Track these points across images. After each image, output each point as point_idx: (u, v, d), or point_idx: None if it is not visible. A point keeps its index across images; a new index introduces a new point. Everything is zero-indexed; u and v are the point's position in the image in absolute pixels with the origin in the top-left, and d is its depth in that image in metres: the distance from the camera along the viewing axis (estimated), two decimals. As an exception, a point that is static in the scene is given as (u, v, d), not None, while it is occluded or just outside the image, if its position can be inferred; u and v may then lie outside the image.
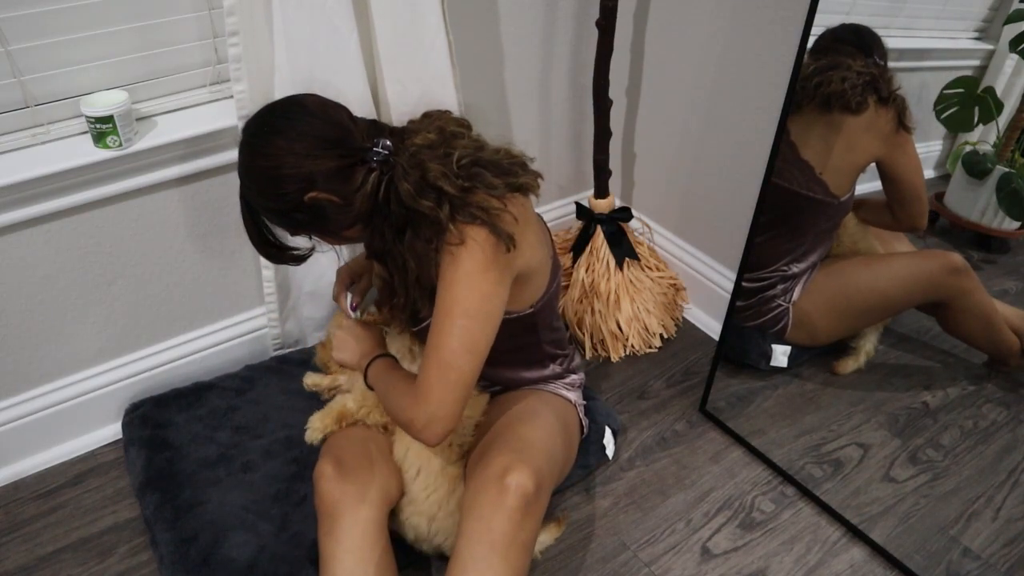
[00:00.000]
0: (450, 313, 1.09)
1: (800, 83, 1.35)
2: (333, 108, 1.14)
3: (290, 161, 1.08)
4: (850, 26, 1.35)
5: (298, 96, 1.16)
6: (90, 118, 1.30)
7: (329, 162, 1.09)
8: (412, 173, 1.10)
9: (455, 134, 1.16)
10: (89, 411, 1.59)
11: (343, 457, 1.23)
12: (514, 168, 1.15)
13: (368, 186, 1.11)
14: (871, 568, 1.44)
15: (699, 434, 1.70)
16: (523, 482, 1.09)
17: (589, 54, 1.77)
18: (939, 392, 1.46)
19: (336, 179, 1.10)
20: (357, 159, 1.11)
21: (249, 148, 1.12)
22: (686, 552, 1.46)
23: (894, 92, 1.33)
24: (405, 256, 1.15)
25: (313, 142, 1.08)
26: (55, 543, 1.43)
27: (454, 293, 1.09)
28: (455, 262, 1.08)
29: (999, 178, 1.27)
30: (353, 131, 1.12)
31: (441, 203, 1.08)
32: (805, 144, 1.45)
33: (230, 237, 1.59)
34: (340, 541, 1.16)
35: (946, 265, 1.38)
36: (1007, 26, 1.21)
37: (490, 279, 1.09)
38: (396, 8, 1.38)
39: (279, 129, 1.09)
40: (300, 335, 1.76)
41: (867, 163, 1.43)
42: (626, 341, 1.88)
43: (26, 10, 1.24)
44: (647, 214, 2.09)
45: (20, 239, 1.36)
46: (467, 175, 1.10)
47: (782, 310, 1.62)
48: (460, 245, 1.07)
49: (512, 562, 1.09)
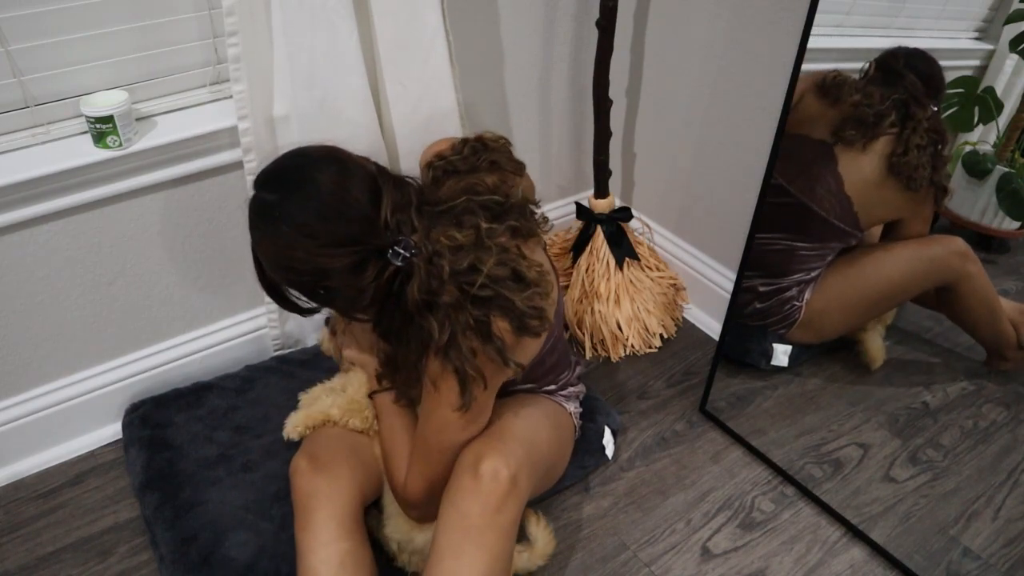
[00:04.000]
0: (428, 444, 1.16)
1: (864, 106, 1.37)
2: (354, 191, 1.04)
3: (300, 255, 1.03)
4: (926, 57, 1.33)
5: (321, 166, 1.05)
6: (90, 118, 1.30)
7: (344, 260, 1.03)
8: (427, 285, 1.04)
9: (488, 237, 1.05)
10: (89, 411, 1.59)
11: (317, 452, 1.23)
12: (528, 317, 1.06)
13: (382, 279, 1.06)
14: (871, 568, 1.44)
15: (699, 434, 1.70)
16: (497, 467, 1.09)
17: (589, 54, 1.77)
18: (939, 392, 1.46)
19: (349, 274, 1.05)
20: (373, 255, 1.05)
21: (260, 220, 1.06)
22: (686, 552, 1.46)
23: (945, 180, 1.34)
24: (409, 342, 1.12)
25: (328, 241, 1.02)
26: (55, 543, 1.43)
27: (433, 425, 1.13)
28: (437, 395, 1.09)
29: (999, 178, 1.27)
30: (375, 223, 1.04)
31: (443, 328, 1.03)
32: (851, 181, 1.46)
33: (230, 237, 1.59)
34: (315, 535, 1.16)
35: (951, 248, 1.39)
36: (1007, 26, 1.21)
37: (470, 415, 1.11)
38: (396, 8, 1.38)
39: (293, 219, 1.02)
40: (300, 335, 1.76)
41: (893, 218, 1.48)
42: (626, 341, 1.88)
43: (26, 10, 1.24)
44: (647, 214, 2.10)
45: (20, 239, 1.36)
46: (482, 310, 1.04)
47: (795, 308, 1.63)
48: (442, 382, 1.07)
49: (489, 547, 1.08)
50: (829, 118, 1.44)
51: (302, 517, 1.19)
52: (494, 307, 1.04)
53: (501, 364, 1.07)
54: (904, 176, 1.38)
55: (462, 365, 1.04)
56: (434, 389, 1.10)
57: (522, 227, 1.13)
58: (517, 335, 1.07)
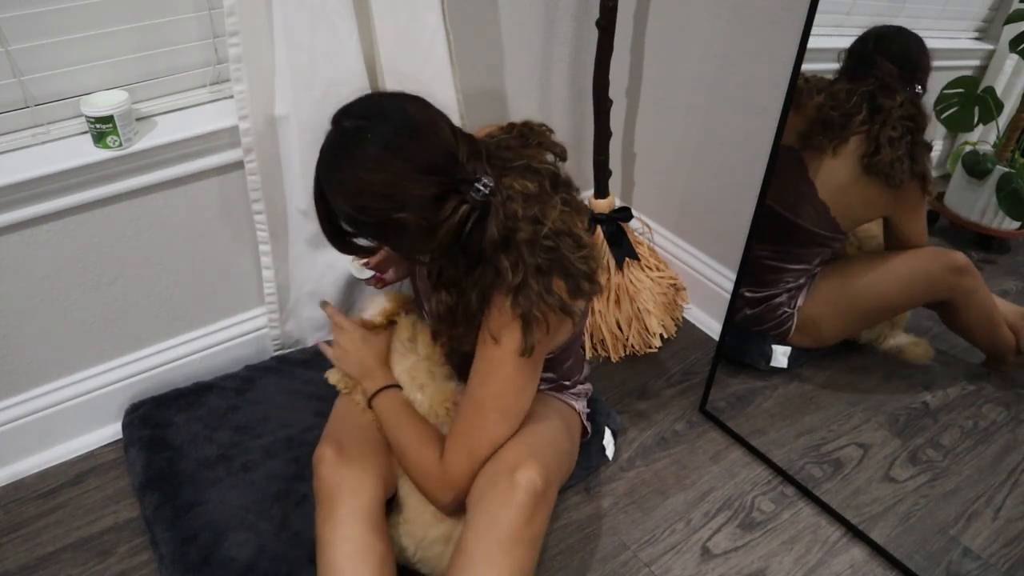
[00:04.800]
0: (483, 407, 1.14)
1: (830, 108, 1.32)
2: (441, 124, 1.06)
3: (385, 178, 1.01)
4: (899, 34, 1.28)
5: (406, 100, 1.06)
6: (90, 118, 1.30)
7: (427, 189, 1.02)
8: (504, 223, 1.04)
9: (549, 195, 1.10)
10: (89, 411, 1.59)
11: (343, 442, 1.22)
12: (582, 278, 1.09)
13: (456, 217, 1.04)
14: (871, 568, 1.44)
15: (699, 434, 1.70)
16: (533, 478, 1.08)
17: (589, 54, 1.77)
18: (939, 392, 1.46)
19: (428, 206, 1.03)
20: (454, 189, 1.04)
21: (342, 149, 1.04)
22: (686, 552, 1.46)
23: (927, 167, 1.30)
24: (470, 291, 1.11)
25: (416, 166, 1.01)
26: (55, 543, 1.43)
27: (491, 387, 1.12)
28: (498, 349, 1.09)
29: (999, 178, 1.27)
30: (458, 157, 1.04)
31: (516, 269, 1.04)
32: (825, 187, 1.43)
33: (230, 237, 1.59)
34: (337, 528, 1.15)
35: (949, 264, 1.38)
36: (1007, 26, 1.21)
37: (525, 374, 1.13)
38: (396, 8, 1.38)
39: (383, 139, 1.01)
40: (300, 335, 1.76)
41: (879, 217, 1.45)
42: (626, 341, 1.88)
43: (26, 10, 1.24)
44: (647, 214, 2.10)
45: (20, 239, 1.36)
46: (547, 257, 1.06)
47: (787, 315, 1.62)
48: (506, 332, 1.07)
49: (518, 558, 1.08)
50: (794, 124, 1.39)
51: (325, 509, 1.17)
52: (555, 260, 1.06)
53: (562, 313, 1.08)
54: (882, 175, 1.34)
55: (530, 308, 1.05)
56: (495, 343, 1.09)
57: (572, 201, 1.15)
58: (571, 295, 1.09)
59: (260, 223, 1.54)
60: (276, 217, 1.55)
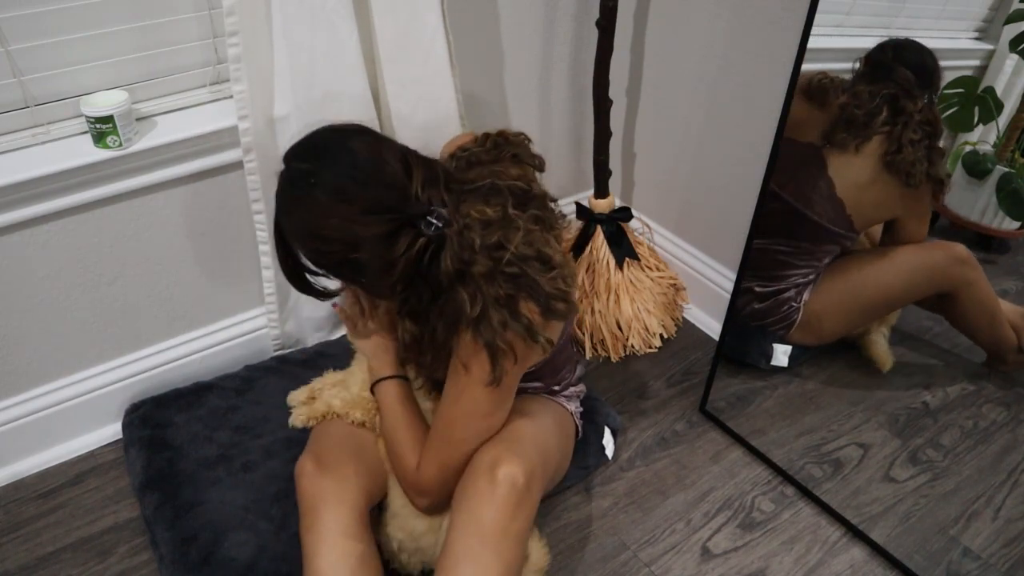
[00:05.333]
0: (454, 425, 1.14)
1: (853, 107, 1.35)
2: (387, 157, 1.04)
3: (334, 223, 1.02)
4: (915, 47, 1.31)
5: (351, 135, 1.06)
6: (90, 118, 1.30)
7: (378, 228, 1.02)
8: (459, 255, 1.03)
9: (515, 218, 1.06)
10: (89, 411, 1.59)
11: (322, 453, 1.23)
12: (554, 299, 1.06)
13: (413, 252, 1.04)
14: (871, 568, 1.44)
15: (699, 434, 1.70)
16: (513, 473, 1.09)
17: (589, 54, 1.77)
18: (939, 392, 1.46)
19: (382, 244, 1.03)
20: (407, 223, 1.04)
21: (291, 195, 1.05)
22: (686, 552, 1.46)
23: (942, 172, 1.32)
24: (435, 321, 1.12)
25: (362, 207, 1.01)
26: (55, 543, 1.43)
27: (460, 409, 1.13)
28: (467, 377, 1.09)
29: (999, 178, 1.27)
30: (408, 190, 1.03)
31: (475, 300, 1.03)
32: (843, 184, 1.45)
33: (230, 237, 1.59)
34: (321, 537, 1.16)
35: (951, 255, 1.39)
36: (1007, 26, 1.21)
37: (495, 400, 1.13)
38: (396, 8, 1.38)
39: (328, 184, 1.01)
40: (300, 335, 1.76)
41: (890, 218, 1.47)
42: (626, 341, 1.88)
43: (26, 10, 1.24)
44: (647, 214, 2.10)
45: (20, 239, 1.36)
46: (511, 284, 1.04)
47: (793, 309, 1.63)
48: (475, 362, 1.07)
49: (503, 555, 1.08)
50: (817, 121, 1.42)
51: (308, 519, 1.18)
52: (521, 286, 1.04)
53: (530, 340, 1.06)
54: (902, 173, 1.37)
55: (493, 339, 1.03)
56: (464, 371, 1.09)
57: (544, 217, 1.13)
58: (544, 317, 1.07)
59: (260, 223, 1.54)
60: (276, 217, 1.55)
